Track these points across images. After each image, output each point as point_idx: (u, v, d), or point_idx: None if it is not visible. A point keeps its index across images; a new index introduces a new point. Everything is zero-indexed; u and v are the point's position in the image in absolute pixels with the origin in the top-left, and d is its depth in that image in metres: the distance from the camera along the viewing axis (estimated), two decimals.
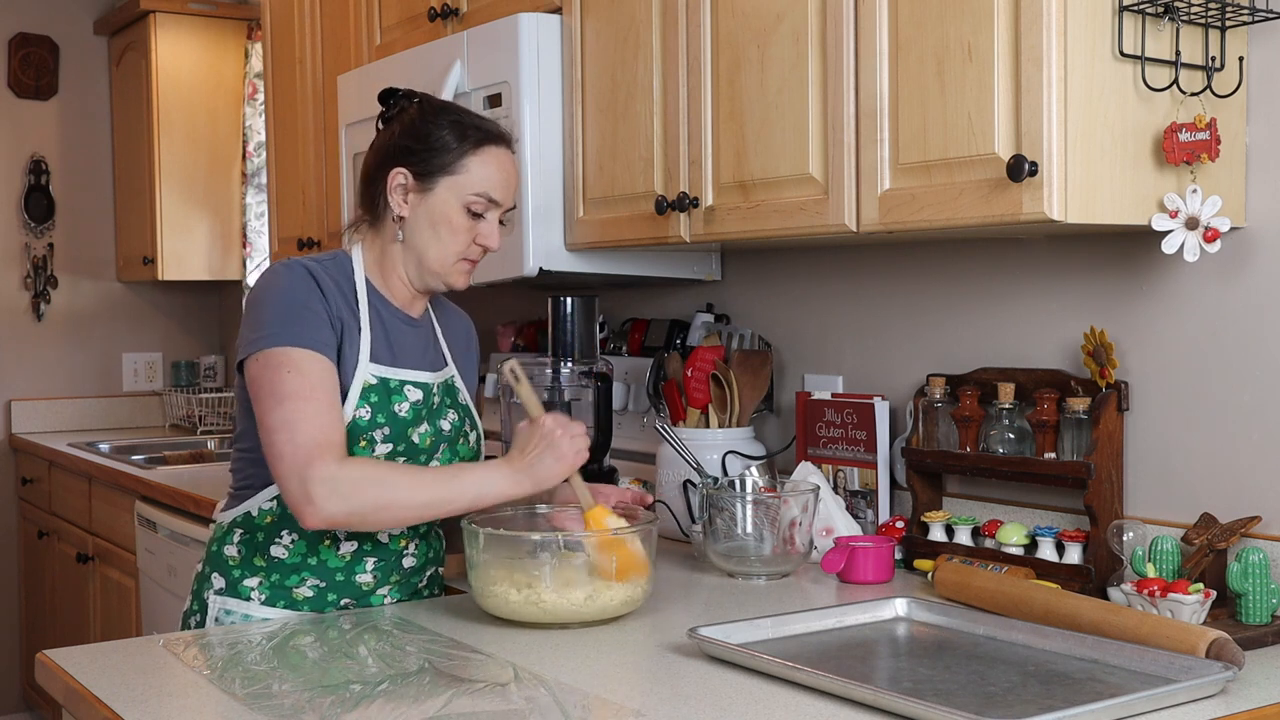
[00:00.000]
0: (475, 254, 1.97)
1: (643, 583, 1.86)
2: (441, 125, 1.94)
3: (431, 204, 1.93)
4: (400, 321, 1.99)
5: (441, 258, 1.95)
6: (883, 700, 1.42)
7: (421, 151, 1.94)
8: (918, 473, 2.26)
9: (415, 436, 1.93)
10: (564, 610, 1.79)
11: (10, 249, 5.01)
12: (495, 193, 1.95)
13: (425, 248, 1.95)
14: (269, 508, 1.94)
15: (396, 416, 1.91)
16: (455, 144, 1.93)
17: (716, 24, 2.19)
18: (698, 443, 2.44)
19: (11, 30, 4.96)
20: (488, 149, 1.95)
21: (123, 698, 1.52)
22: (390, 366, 1.93)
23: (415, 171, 1.93)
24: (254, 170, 4.90)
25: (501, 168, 1.96)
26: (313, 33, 3.61)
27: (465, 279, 1.99)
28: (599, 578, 1.81)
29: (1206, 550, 1.82)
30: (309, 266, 1.92)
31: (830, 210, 1.99)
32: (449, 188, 1.93)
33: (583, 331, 2.59)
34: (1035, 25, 1.68)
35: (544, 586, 1.79)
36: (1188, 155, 1.76)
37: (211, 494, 3.18)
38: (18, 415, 5.00)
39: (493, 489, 1.85)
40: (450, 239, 1.94)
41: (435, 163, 1.93)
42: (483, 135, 1.95)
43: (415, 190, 1.94)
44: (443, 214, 1.93)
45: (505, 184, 1.97)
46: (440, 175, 1.93)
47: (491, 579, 1.82)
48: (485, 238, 1.96)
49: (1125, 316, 2.04)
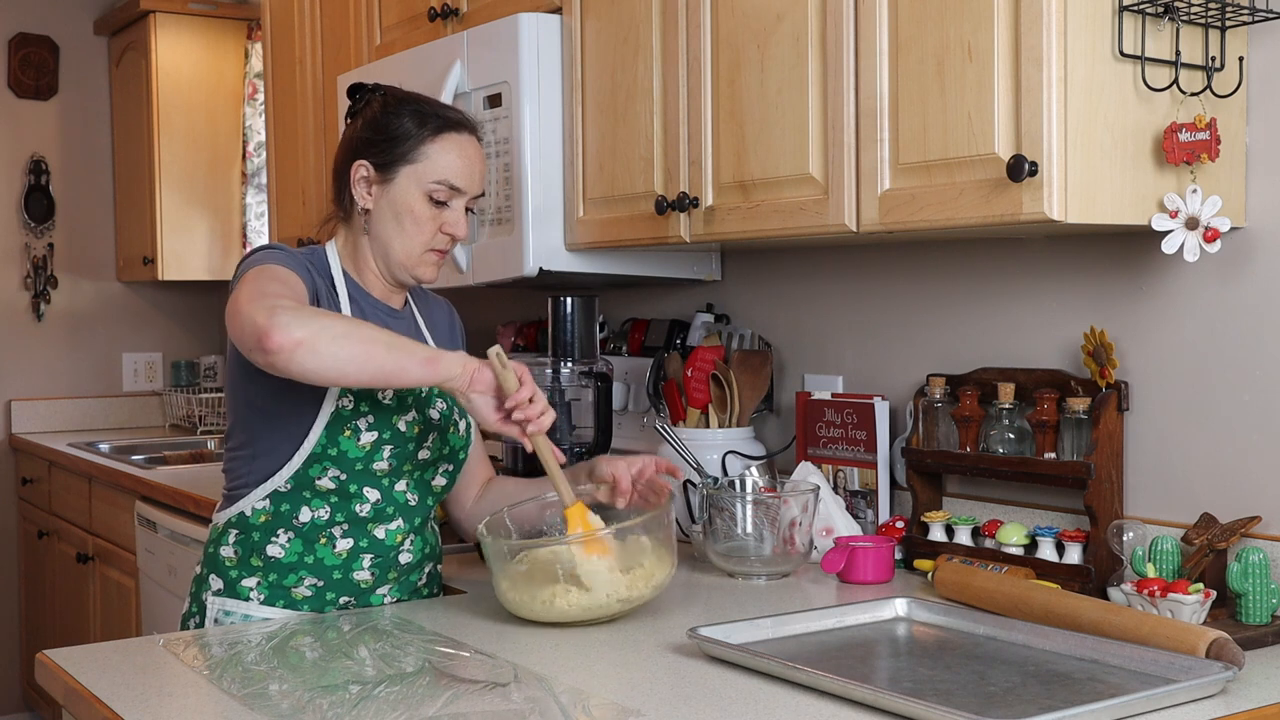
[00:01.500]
0: (443, 244, 1.95)
1: (666, 570, 1.86)
2: (401, 115, 1.93)
3: (394, 195, 1.93)
4: (381, 313, 1.98)
5: (407, 249, 1.94)
6: (883, 700, 1.42)
7: (381, 142, 1.93)
8: (918, 473, 2.26)
9: (401, 424, 1.93)
10: (601, 606, 1.81)
11: (10, 249, 5.01)
12: (456, 180, 1.93)
13: (390, 239, 1.94)
14: (263, 506, 1.94)
15: (380, 404, 1.91)
16: (414, 132, 1.92)
17: (716, 24, 2.19)
18: (698, 443, 2.44)
19: (11, 30, 4.96)
20: (447, 136, 1.93)
21: (123, 697, 1.52)
22: None
23: (376, 163, 1.93)
24: (254, 170, 4.90)
25: (463, 154, 1.94)
26: (313, 33, 3.61)
27: (434, 270, 1.97)
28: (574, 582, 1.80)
29: (1206, 550, 1.82)
30: (292, 254, 1.92)
31: (830, 210, 1.99)
32: (409, 176, 1.92)
33: (583, 331, 2.59)
34: (1035, 25, 1.68)
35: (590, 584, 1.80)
36: (1188, 155, 1.76)
37: (211, 494, 3.18)
38: (18, 415, 5.00)
39: (433, 373, 1.74)
40: (414, 229, 1.93)
41: (395, 152, 1.92)
42: (442, 123, 1.94)
43: (377, 182, 1.94)
44: (405, 204, 1.92)
45: (468, 171, 1.94)
46: (400, 165, 1.92)
47: (534, 588, 1.82)
48: (451, 226, 1.94)
49: (1125, 316, 2.04)
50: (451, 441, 2.01)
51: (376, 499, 1.93)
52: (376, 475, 1.93)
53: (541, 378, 2.51)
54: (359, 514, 1.93)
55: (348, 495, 1.92)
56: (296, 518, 1.93)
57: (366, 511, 1.94)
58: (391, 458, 1.93)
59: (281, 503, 1.93)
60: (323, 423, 1.88)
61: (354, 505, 1.93)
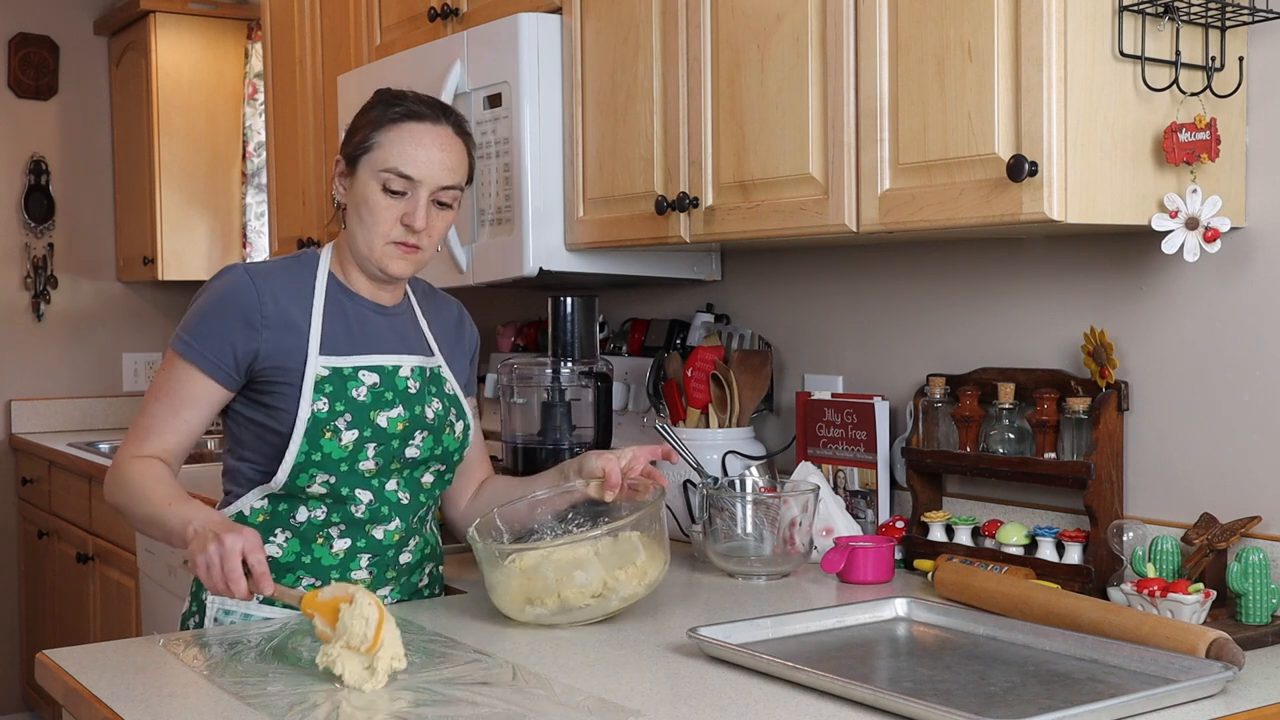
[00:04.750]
0: (401, 235, 1.91)
1: (659, 567, 1.86)
2: (375, 108, 1.93)
3: (356, 187, 1.92)
4: (367, 310, 1.98)
5: (368, 241, 1.92)
6: (883, 700, 1.42)
7: (350, 135, 1.94)
8: (918, 473, 2.26)
9: (382, 421, 1.91)
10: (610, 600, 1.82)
11: (10, 249, 5.01)
12: (406, 167, 1.88)
13: (355, 233, 1.94)
14: (260, 506, 1.94)
15: (355, 402, 1.90)
16: (374, 123, 1.91)
17: (716, 24, 2.19)
18: (698, 443, 2.44)
19: (11, 30, 4.96)
20: (406, 125, 1.90)
21: (123, 697, 1.52)
22: (343, 355, 1.92)
23: (346, 155, 1.94)
24: (254, 170, 4.90)
25: (419, 143, 1.90)
26: (313, 33, 3.61)
27: (401, 264, 1.93)
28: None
29: (1206, 550, 1.82)
30: (255, 275, 1.92)
31: (830, 210, 1.99)
32: (366, 166, 1.91)
33: (583, 331, 2.59)
34: (1035, 25, 1.68)
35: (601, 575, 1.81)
36: (1188, 155, 1.76)
37: (212, 494, 3.16)
38: (18, 415, 4.99)
39: (177, 533, 1.77)
40: (372, 221, 1.90)
41: (356, 143, 1.92)
42: (404, 112, 1.91)
43: (346, 175, 1.95)
44: (363, 195, 1.91)
45: (424, 159, 1.89)
46: (360, 156, 1.92)
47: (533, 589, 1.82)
48: (409, 217, 1.89)
49: (1125, 316, 2.04)
50: (446, 443, 2.01)
51: (369, 500, 1.93)
52: (365, 476, 1.92)
53: (542, 378, 2.52)
54: (355, 515, 1.93)
55: (340, 499, 1.92)
56: (294, 517, 1.93)
57: (362, 513, 1.93)
58: (377, 456, 1.92)
59: (279, 503, 1.93)
60: (301, 428, 1.87)
61: (348, 507, 1.93)
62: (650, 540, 1.86)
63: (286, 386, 1.89)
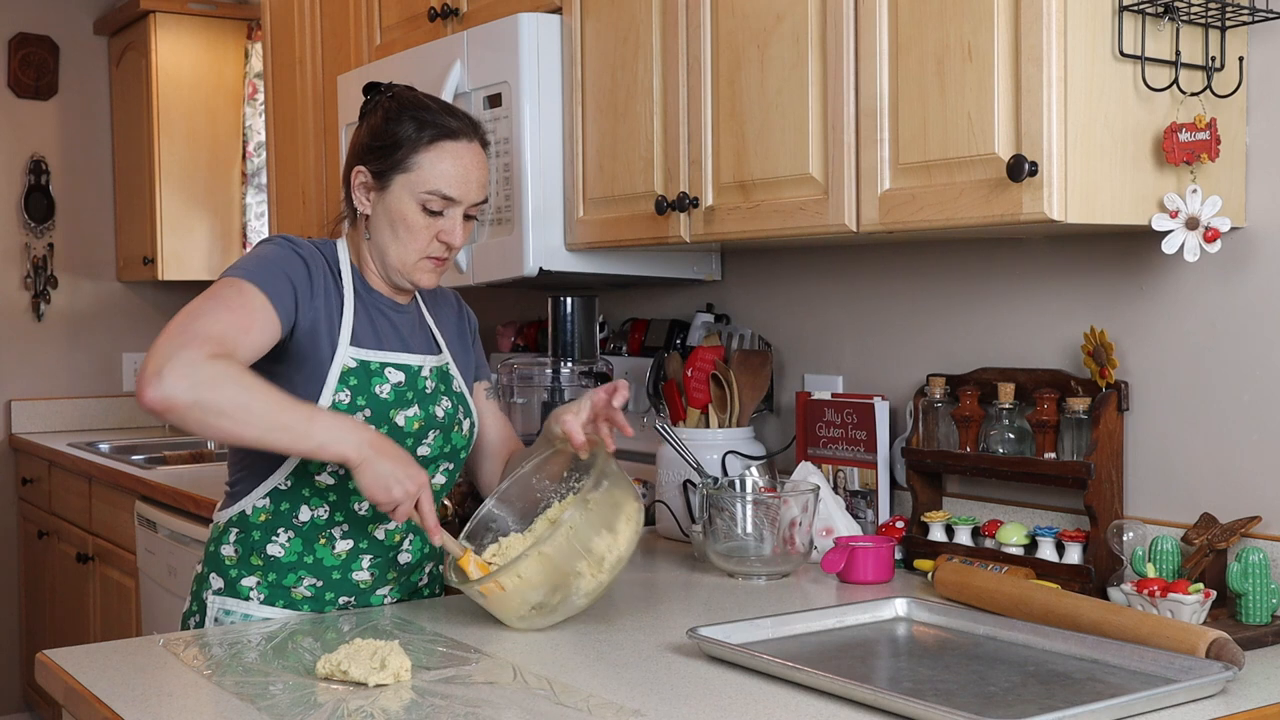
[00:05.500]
0: (438, 251, 1.94)
1: (633, 506, 1.84)
2: (402, 121, 1.92)
3: (389, 203, 1.92)
4: (386, 307, 1.98)
5: (402, 257, 1.93)
6: (883, 700, 1.42)
7: (379, 149, 1.93)
8: (918, 473, 2.26)
9: (400, 419, 1.92)
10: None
11: (10, 249, 5.01)
12: (450, 190, 1.91)
13: (386, 247, 1.94)
14: (263, 505, 1.94)
15: (377, 398, 1.90)
16: (410, 141, 1.90)
17: (716, 24, 2.19)
18: (698, 443, 2.44)
19: (11, 30, 4.96)
20: (443, 144, 1.91)
21: (123, 697, 1.52)
22: (371, 350, 1.92)
23: (373, 170, 1.93)
24: (254, 170, 4.90)
25: (458, 163, 1.91)
26: (313, 33, 3.61)
27: (432, 277, 1.96)
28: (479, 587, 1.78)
29: (1206, 550, 1.82)
30: (297, 244, 1.92)
31: (830, 210, 1.99)
32: (403, 185, 1.91)
33: (583, 331, 2.60)
34: (1035, 25, 1.68)
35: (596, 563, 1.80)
36: (1188, 155, 1.76)
37: (211, 494, 3.18)
38: (18, 415, 5.00)
39: (332, 450, 1.74)
40: (409, 238, 1.92)
41: (390, 160, 1.91)
42: (439, 131, 1.92)
43: (374, 189, 1.94)
44: (399, 213, 1.91)
45: (463, 180, 1.92)
46: (395, 173, 1.91)
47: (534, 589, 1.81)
48: (447, 234, 1.92)
49: (1125, 316, 2.04)
50: (454, 440, 2.01)
51: None
52: None
53: (542, 378, 2.52)
54: (358, 513, 1.93)
55: (347, 493, 1.92)
56: (296, 517, 1.93)
57: (365, 510, 1.93)
58: None
59: (281, 501, 1.93)
60: None
61: (353, 503, 1.93)
62: (621, 490, 1.83)
63: (309, 373, 1.88)
